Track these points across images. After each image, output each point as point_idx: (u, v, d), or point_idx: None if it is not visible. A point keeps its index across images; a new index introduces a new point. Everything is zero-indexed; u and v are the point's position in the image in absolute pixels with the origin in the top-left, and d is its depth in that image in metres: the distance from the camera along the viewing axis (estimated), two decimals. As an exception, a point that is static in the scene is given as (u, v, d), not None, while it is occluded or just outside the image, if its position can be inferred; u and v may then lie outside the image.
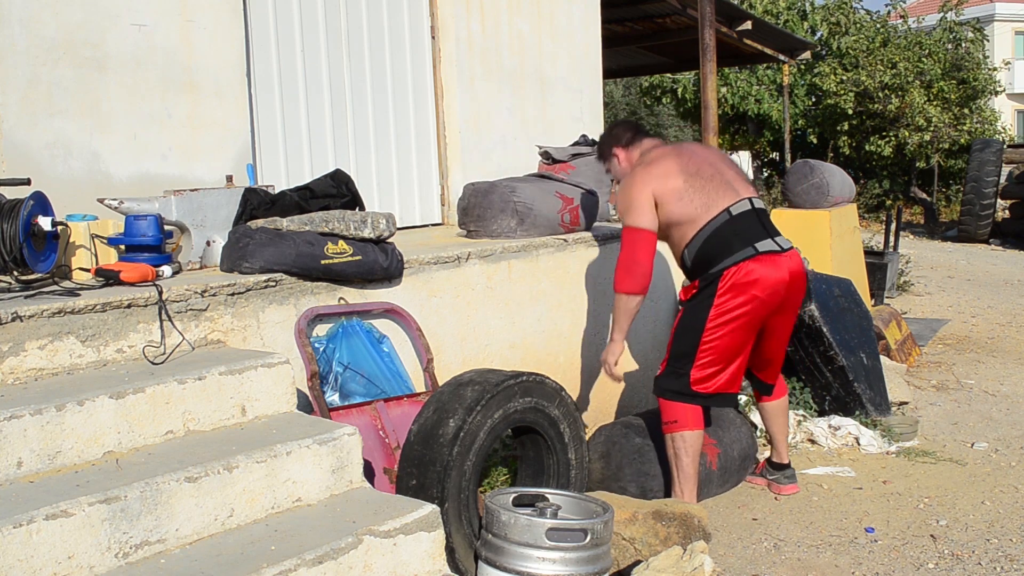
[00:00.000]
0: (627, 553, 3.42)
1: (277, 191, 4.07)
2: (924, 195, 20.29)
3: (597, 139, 5.67)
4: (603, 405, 5.09)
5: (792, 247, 4.03)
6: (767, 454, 4.69)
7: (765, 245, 3.88)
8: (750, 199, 3.99)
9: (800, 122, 21.78)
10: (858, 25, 21.11)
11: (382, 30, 5.58)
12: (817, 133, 21.18)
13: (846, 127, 20.21)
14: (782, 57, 11.56)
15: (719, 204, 3.89)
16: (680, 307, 4.07)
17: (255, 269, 3.58)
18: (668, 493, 4.08)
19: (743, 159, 26.77)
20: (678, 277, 5.45)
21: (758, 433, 5.15)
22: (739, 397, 4.14)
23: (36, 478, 2.58)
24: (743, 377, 4.11)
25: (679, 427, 3.93)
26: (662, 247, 4.14)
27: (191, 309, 3.31)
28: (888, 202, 19.27)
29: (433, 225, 5.89)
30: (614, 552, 3.32)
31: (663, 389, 3.98)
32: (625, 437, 4.25)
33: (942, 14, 21.20)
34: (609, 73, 10.05)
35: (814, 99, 21.97)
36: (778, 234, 4.01)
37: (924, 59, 19.88)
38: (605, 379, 5.03)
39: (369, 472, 3.26)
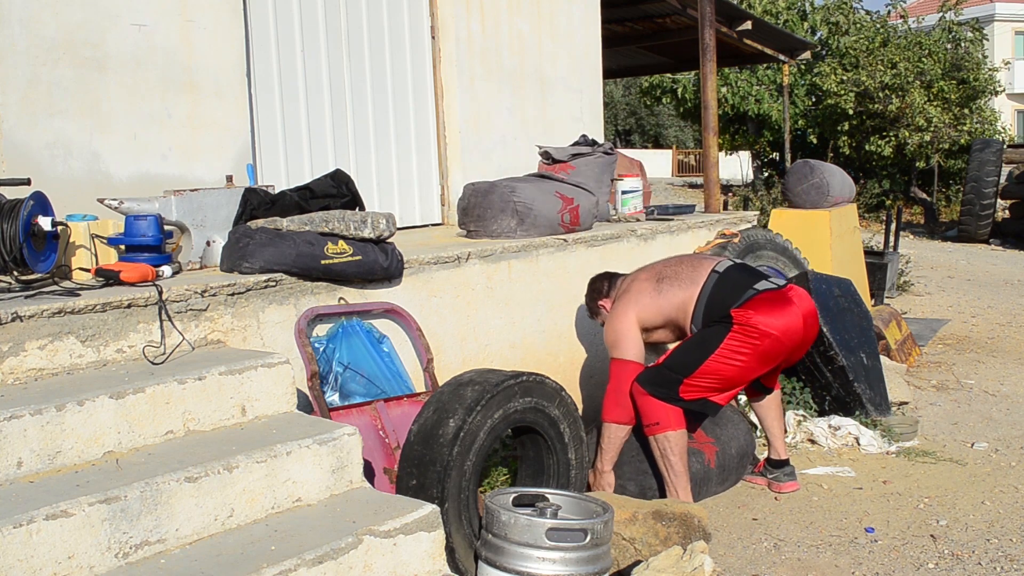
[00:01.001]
0: (627, 553, 3.42)
1: (277, 191, 4.07)
2: (924, 195, 20.30)
3: (596, 140, 5.68)
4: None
5: (789, 283, 4.18)
6: (767, 454, 4.69)
7: (763, 285, 4.00)
8: (727, 260, 4.17)
9: (800, 122, 21.79)
10: (858, 25, 21.12)
11: (382, 30, 5.58)
12: (817, 133, 21.18)
13: (846, 127, 20.21)
14: (782, 57, 11.56)
15: (703, 272, 4.05)
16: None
17: (255, 269, 3.58)
18: (663, 494, 4.08)
19: (743, 159, 26.84)
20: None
21: (757, 433, 5.15)
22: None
23: (36, 478, 2.58)
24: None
25: (662, 428, 3.95)
26: None
27: (191, 309, 3.31)
28: (888, 202, 19.27)
29: (433, 225, 5.89)
30: (614, 552, 3.32)
31: (649, 384, 3.98)
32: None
33: (942, 14, 21.20)
34: (609, 73, 10.05)
35: (814, 99, 21.98)
36: (768, 276, 4.14)
37: (924, 59, 19.88)
38: (605, 379, 5.04)
39: (369, 472, 3.26)
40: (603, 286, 4.40)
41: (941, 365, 6.88)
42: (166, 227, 3.73)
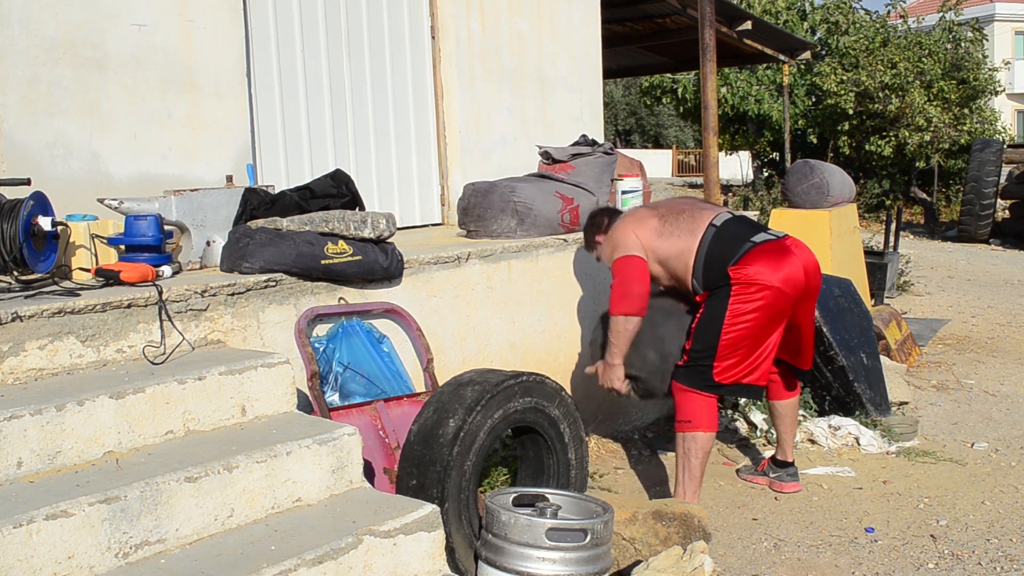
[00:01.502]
0: (627, 553, 3.42)
1: (277, 191, 4.07)
2: (924, 195, 20.30)
3: (596, 140, 5.68)
4: (603, 405, 5.09)
5: (786, 235, 4.10)
6: (768, 453, 4.69)
7: (760, 237, 3.97)
8: (726, 213, 4.11)
9: (800, 122, 21.79)
10: (857, 25, 21.12)
11: (382, 30, 5.58)
12: (817, 133, 21.18)
13: (846, 127, 20.21)
14: (782, 57, 11.56)
15: (701, 224, 3.99)
16: (700, 307, 4.05)
17: (255, 269, 3.58)
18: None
19: (743, 159, 26.84)
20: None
21: (757, 433, 5.15)
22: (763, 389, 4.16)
23: (36, 478, 2.58)
24: (770, 371, 4.11)
25: (693, 427, 3.94)
26: None
27: (191, 309, 3.31)
28: (888, 202, 19.27)
29: (433, 225, 5.89)
30: (614, 552, 3.32)
31: (685, 379, 3.96)
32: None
33: (942, 14, 21.20)
34: (609, 73, 10.05)
35: (814, 99, 21.98)
36: (767, 229, 4.12)
37: (924, 59, 19.87)
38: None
39: (369, 472, 3.26)
40: (603, 220, 4.32)
41: (941, 365, 6.88)
42: (166, 227, 3.72)
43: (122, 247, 3.62)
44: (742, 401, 5.22)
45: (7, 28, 3.93)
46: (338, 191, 4.09)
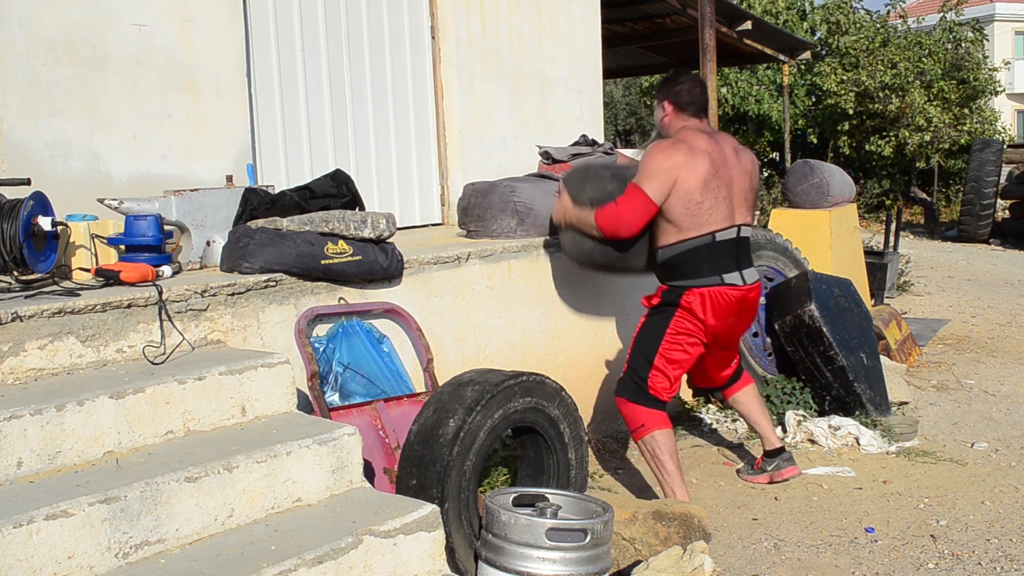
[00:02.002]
0: (627, 553, 3.42)
1: (277, 191, 4.07)
2: (924, 195, 20.29)
3: (596, 139, 5.68)
4: (603, 405, 5.09)
5: (758, 280, 4.14)
6: (762, 447, 4.66)
7: (731, 278, 3.99)
8: (739, 227, 4.05)
9: (800, 122, 21.78)
10: (857, 25, 21.11)
11: (382, 30, 5.58)
12: (817, 133, 21.18)
13: (846, 127, 20.20)
14: (782, 57, 11.57)
15: (709, 225, 3.94)
16: (644, 313, 4.17)
17: (255, 269, 3.58)
18: None
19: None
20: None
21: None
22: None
23: (36, 478, 2.58)
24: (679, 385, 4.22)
25: (647, 430, 4.00)
26: None
27: (191, 309, 3.31)
28: (888, 202, 19.27)
29: (433, 225, 5.89)
30: (614, 552, 3.32)
31: (626, 391, 4.08)
32: None
33: (942, 14, 21.20)
34: (609, 73, 10.06)
35: (814, 99, 21.97)
36: (750, 266, 4.11)
37: (924, 59, 19.87)
38: (605, 379, 5.04)
39: (369, 472, 3.26)
40: (682, 96, 4.08)
41: (941, 365, 6.88)
42: (166, 227, 3.73)
43: (122, 247, 3.62)
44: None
45: (7, 28, 3.93)
46: (338, 191, 4.09)
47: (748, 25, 9.77)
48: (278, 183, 4.82)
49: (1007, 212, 16.13)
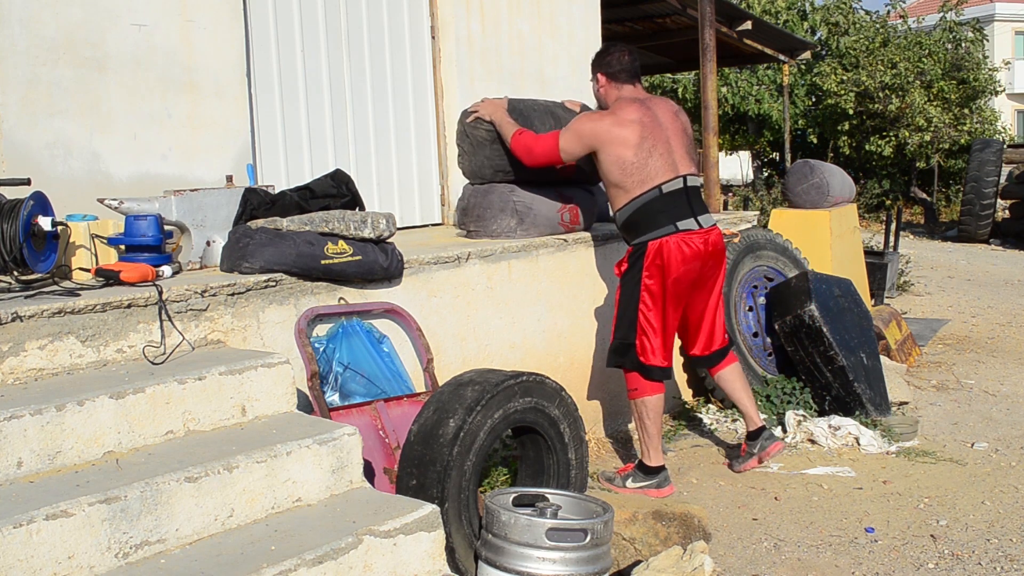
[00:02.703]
0: (627, 553, 3.42)
1: (277, 191, 4.07)
2: (924, 195, 20.30)
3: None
4: (603, 405, 5.10)
5: (714, 224, 4.30)
6: (743, 432, 4.69)
7: (686, 224, 4.17)
8: (685, 176, 4.23)
9: (800, 122, 21.79)
10: (857, 25, 21.12)
11: (382, 30, 5.58)
12: (817, 133, 21.19)
13: (846, 127, 20.21)
14: (782, 57, 11.56)
15: (654, 180, 4.16)
16: (618, 281, 4.36)
17: (255, 269, 3.58)
18: None
19: (743, 159, 26.84)
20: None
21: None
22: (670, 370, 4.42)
23: (36, 478, 2.58)
24: (671, 354, 4.38)
25: (639, 394, 4.25)
26: None
27: (191, 309, 3.31)
28: (888, 202, 19.27)
29: (433, 225, 5.89)
30: (614, 552, 3.32)
31: (615, 360, 4.33)
32: None
33: (942, 14, 21.20)
34: (609, 73, 10.02)
35: (814, 99, 21.99)
36: (704, 212, 4.29)
37: (924, 59, 19.88)
38: (605, 379, 5.04)
39: (369, 472, 3.26)
40: (613, 67, 4.33)
41: (941, 365, 6.88)
42: (166, 227, 3.72)
43: (122, 247, 3.62)
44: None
45: (7, 28, 3.93)
46: (338, 191, 4.09)
47: (748, 25, 9.77)
48: (278, 183, 4.82)
49: (1007, 212, 16.13)
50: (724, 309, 4.72)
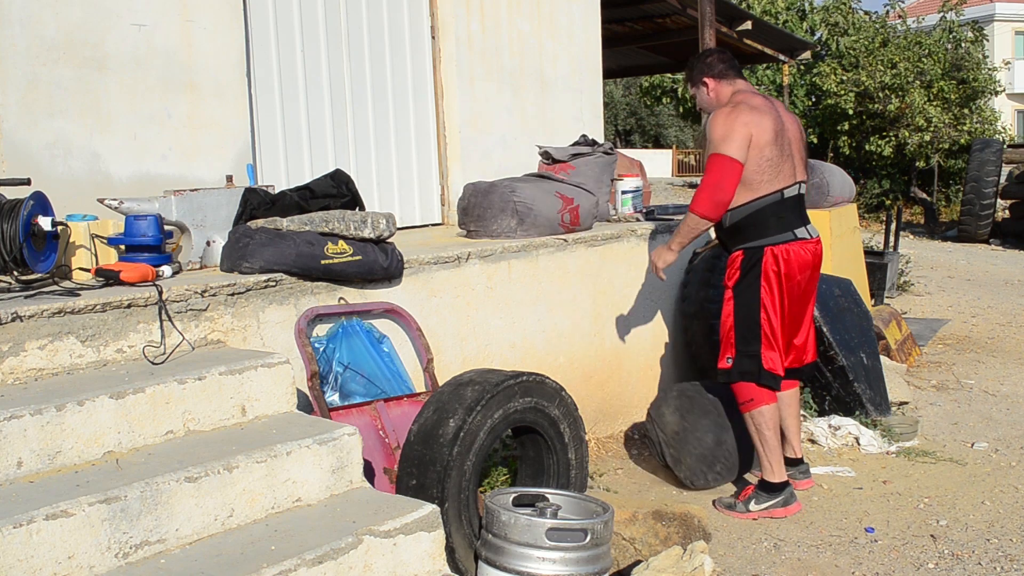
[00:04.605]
0: (627, 553, 3.43)
1: (277, 191, 4.07)
2: (924, 195, 20.30)
3: (596, 140, 5.67)
4: (603, 405, 5.09)
5: (819, 235, 4.22)
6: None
7: (802, 232, 4.08)
8: (800, 184, 4.13)
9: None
10: (856, 26, 21.12)
11: (382, 30, 5.58)
12: (817, 133, 21.18)
13: (846, 127, 20.21)
14: (782, 57, 11.57)
15: (778, 183, 4.02)
16: (727, 291, 4.15)
17: (255, 269, 3.58)
18: (741, 447, 4.35)
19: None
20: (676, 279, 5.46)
21: None
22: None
23: (36, 478, 2.58)
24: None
25: (755, 404, 4.08)
26: None
27: (191, 309, 3.31)
28: (888, 202, 19.28)
29: (433, 225, 5.89)
30: (614, 552, 3.32)
31: (740, 373, 4.08)
32: (700, 393, 4.54)
33: (942, 14, 21.20)
34: (609, 73, 10.05)
35: (814, 99, 21.98)
36: (809, 222, 4.20)
37: (924, 59, 19.88)
38: (605, 379, 5.04)
39: (369, 472, 3.26)
40: (718, 66, 4.17)
41: (941, 365, 6.88)
42: (166, 227, 3.73)
43: (122, 247, 3.62)
44: None
45: (7, 28, 3.93)
46: (338, 191, 4.09)
47: (748, 25, 9.77)
48: (278, 183, 4.82)
49: (1007, 212, 16.14)
50: None
